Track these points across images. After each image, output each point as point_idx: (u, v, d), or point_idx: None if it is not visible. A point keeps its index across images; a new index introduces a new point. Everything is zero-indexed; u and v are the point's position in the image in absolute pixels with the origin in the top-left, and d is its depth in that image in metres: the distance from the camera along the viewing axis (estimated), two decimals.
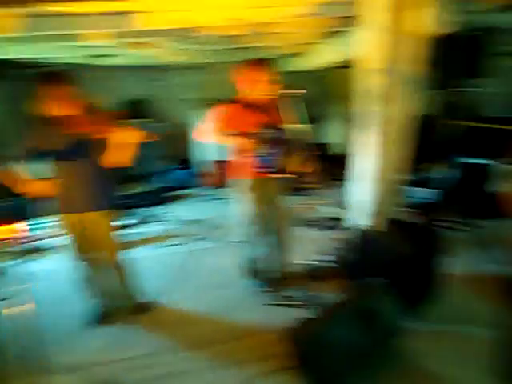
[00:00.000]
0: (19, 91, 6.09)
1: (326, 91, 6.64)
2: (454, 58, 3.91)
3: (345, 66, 5.39)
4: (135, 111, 6.12)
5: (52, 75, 2.32)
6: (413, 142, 3.05)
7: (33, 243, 4.17)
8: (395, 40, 2.81)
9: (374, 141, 2.99)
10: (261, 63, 2.69)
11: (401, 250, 2.57)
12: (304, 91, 3.08)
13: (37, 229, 4.51)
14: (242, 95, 2.75)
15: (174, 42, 3.93)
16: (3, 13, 2.47)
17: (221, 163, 5.52)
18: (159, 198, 5.31)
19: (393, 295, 2.29)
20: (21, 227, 4.14)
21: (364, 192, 3.18)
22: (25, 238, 4.12)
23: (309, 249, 3.65)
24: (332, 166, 5.02)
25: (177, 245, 4.09)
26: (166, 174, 5.95)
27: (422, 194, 4.31)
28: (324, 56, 4.91)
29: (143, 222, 4.76)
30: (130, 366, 2.38)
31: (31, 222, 4.60)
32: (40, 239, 4.32)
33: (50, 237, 4.32)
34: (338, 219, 4.15)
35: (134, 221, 4.69)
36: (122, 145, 2.50)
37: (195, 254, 3.83)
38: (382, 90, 2.90)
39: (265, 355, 2.38)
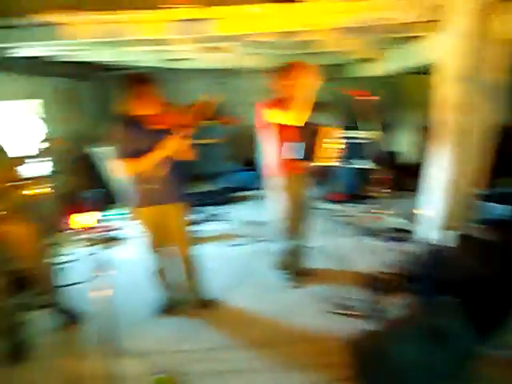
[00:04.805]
0: (103, 92, 6.60)
1: (398, 98, 6.44)
2: None
3: (418, 72, 5.20)
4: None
5: (140, 76, 2.49)
6: (490, 155, 2.87)
7: (109, 232, 4.48)
8: (478, 46, 2.67)
9: (449, 151, 2.86)
10: (296, 67, 2.77)
11: (474, 268, 2.43)
12: (377, 97, 3.03)
13: (113, 219, 4.87)
14: (277, 97, 2.90)
15: (247, 46, 4.03)
16: (89, 19, 2.68)
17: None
18: (223, 197, 5.45)
19: (465, 316, 2.17)
20: (99, 216, 4.47)
21: (436, 204, 3.05)
22: (103, 226, 4.42)
23: (371, 259, 3.57)
24: (401, 176, 4.87)
25: (239, 245, 4.19)
26: (231, 174, 6.10)
27: (498, 209, 4.03)
28: (397, 61, 4.77)
29: (207, 220, 4.92)
30: (191, 358, 2.49)
31: (108, 213, 4.96)
32: (116, 229, 4.64)
33: (125, 227, 4.65)
34: (404, 231, 4.01)
35: (198, 218, 4.85)
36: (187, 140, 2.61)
37: (256, 254, 3.89)
38: (460, 98, 2.76)
39: (324, 362, 2.37)
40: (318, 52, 4.42)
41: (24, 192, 2.29)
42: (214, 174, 5.65)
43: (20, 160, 2.32)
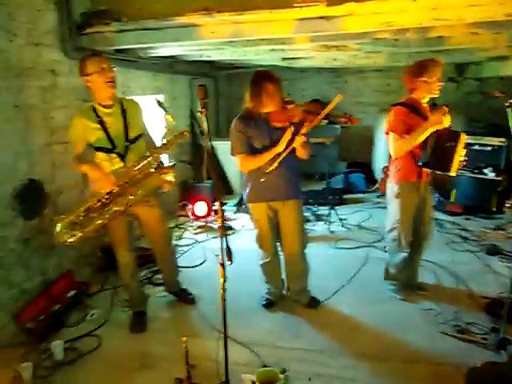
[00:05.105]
0: (224, 88, 6.98)
1: None
2: None
3: None
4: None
5: (267, 74, 2.55)
6: None
7: (224, 222, 4.73)
8: None
9: None
10: (429, 65, 2.65)
11: None
12: None
13: (228, 210, 5.14)
14: (410, 98, 2.77)
15: (370, 44, 3.88)
16: (223, 20, 2.80)
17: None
18: (332, 198, 5.35)
19: None
20: (215, 206, 4.76)
21: None
22: (218, 216, 4.69)
23: (495, 281, 3.20)
24: None
25: (346, 248, 4.10)
26: (341, 175, 5.98)
27: None
28: None
29: (314, 219, 4.92)
30: (293, 356, 2.50)
31: (224, 203, 5.24)
32: (230, 220, 4.90)
33: (239, 218, 4.89)
34: None
35: (306, 217, 4.84)
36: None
37: (364, 260, 3.76)
38: None
39: None
40: (444, 50, 4.07)
41: (163, 178, 2.52)
42: (323, 174, 5.59)
43: (163, 148, 2.55)
